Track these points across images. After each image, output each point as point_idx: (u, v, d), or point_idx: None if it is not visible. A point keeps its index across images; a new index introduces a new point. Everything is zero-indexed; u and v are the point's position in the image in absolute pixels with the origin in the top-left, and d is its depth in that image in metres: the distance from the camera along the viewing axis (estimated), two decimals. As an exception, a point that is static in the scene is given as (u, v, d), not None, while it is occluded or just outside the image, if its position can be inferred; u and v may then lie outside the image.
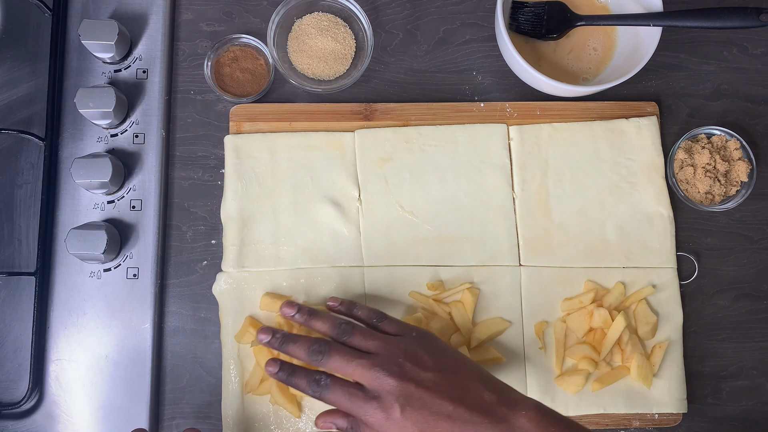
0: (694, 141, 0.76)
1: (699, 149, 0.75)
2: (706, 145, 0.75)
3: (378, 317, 0.64)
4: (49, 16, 0.75)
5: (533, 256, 0.73)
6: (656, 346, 0.72)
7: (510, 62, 0.76)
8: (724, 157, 0.75)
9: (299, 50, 0.76)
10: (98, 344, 0.70)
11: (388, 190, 0.74)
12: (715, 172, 0.74)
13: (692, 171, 0.74)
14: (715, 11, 0.75)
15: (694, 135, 0.75)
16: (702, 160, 0.74)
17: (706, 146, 0.75)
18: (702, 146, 0.75)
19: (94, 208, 0.73)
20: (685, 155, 0.75)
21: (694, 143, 0.75)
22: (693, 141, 0.76)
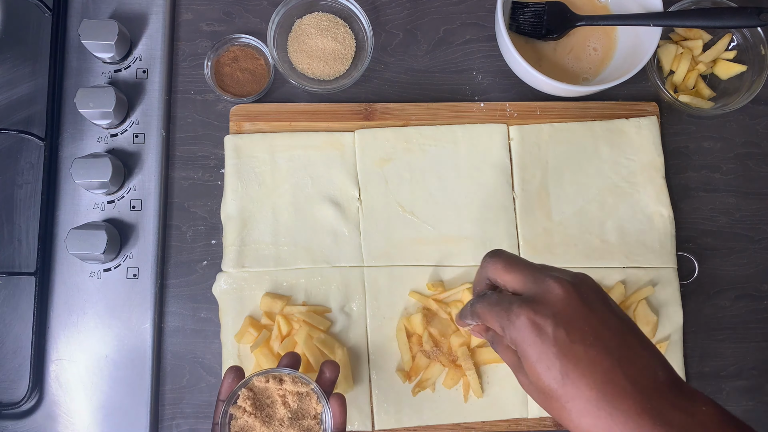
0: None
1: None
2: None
3: None
4: (49, 16, 0.75)
5: (533, 256, 0.73)
6: (656, 346, 0.72)
7: (510, 62, 0.76)
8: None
9: (299, 50, 0.76)
10: (98, 344, 0.70)
11: (388, 190, 0.74)
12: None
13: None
14: (715, 11, 0.75)
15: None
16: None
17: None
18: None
19: (94, 208, 0.73)
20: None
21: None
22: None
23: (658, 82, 0.77)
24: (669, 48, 0.79)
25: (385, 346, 0.71)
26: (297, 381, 0.56)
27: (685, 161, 0.79)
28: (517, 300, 0.47)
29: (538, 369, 0.44)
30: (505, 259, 0.51)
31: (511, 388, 0.71)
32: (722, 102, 0.78)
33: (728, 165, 0.79)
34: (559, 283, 0.46)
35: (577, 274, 0.48)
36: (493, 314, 0.48)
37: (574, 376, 0.43)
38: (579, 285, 0.47)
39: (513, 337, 0.46)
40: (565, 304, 0.45)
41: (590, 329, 0.44)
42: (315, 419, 0.55)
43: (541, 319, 0.45)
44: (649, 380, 0.43)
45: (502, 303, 0.48)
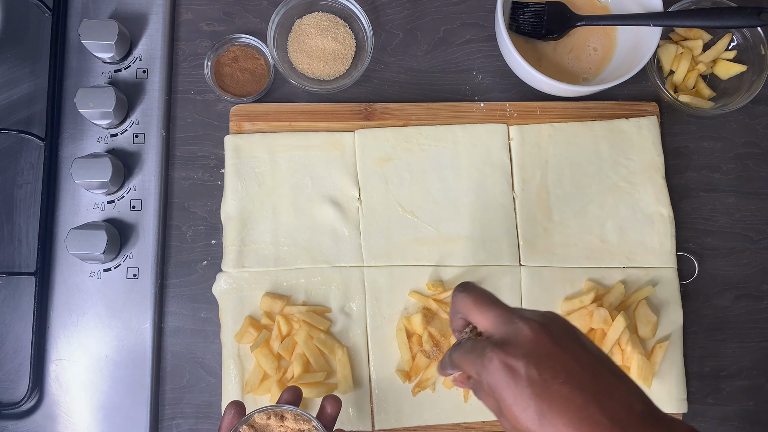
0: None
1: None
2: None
3: None
4: (49, 16, 0.75)
5: (533, 256, 0.73)
6: (656, 346, 0.72)
7: (510, 62, 0.76)
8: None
9: (299, 50, 0.76)
10: (98, 344, 0.70)
11: (388, 190, 0.74)
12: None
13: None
14: (715, 11, 0.75)
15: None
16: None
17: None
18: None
19: (94, 208, 0.73)
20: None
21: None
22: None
23: (658, 82, 0.77)
24: (669, 48, 0.79)
25: (385, 346, 0.71)
26: (299, 418, 0.55)
27: (685, 161, 0.79)
28: (489, 344, 0.47)
29: (515, 411, 0.44)
30: (474, 296, 0.51)
31: (511, 388, 0.71)
32: (722, 102, 0.78)
33: (728, 165, 0.79)
34: (527, 324, 0.46)
35: (545, 314, 0.48)
36: (468, 362, 0.48)
37: (551, 415, 0.42)
38: (548, 324, 0.47)
39: (488, 382, 0.46)
40: (535, 344, 0.45)
41: (562, 367, 0.44)
42: None
43: (513, 361, 0.44)
44: (625, 413, 0.42)
45: (475, 349, 0.48)
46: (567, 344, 0.46)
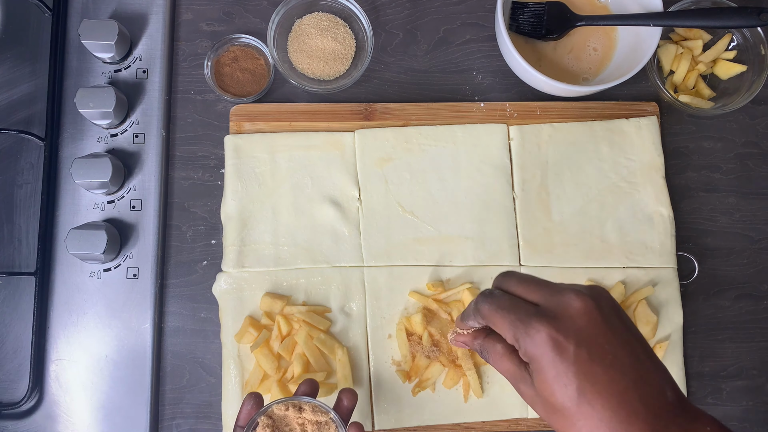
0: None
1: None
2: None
3: None
4: (49, 16, 0.75)
5: (533, 256, 0.73)
6: (656, 346, 0.72)
7: (510, 62, 0.76)
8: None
9: (299, 50, 0.76)
10: (98, 344, 0.70)
11: (388, 190, 0.74)
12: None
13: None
14: (715, 11, 0.75)
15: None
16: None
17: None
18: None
19: (94, 208, 0.73)
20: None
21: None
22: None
23: (658, 82, 0.77)
24: (669, 48, 0.79)
25: (385, 346, 0.71)
26: (316, 410, 0.55)
27: (685, 161, 0.79)
28: (536, 313, 0.45)
29: (553, 385, 0.44)
30: (519, 275, 0.50)
31: (511, 388, 0.71)
32: (722, 102, 0.78)
33: (728, 165, 0.79)
34: (579, 297, 0.45)
35: (593, 287, 0.48)
36: (505, 321, 0.47)
37: (590, 395, 0.42)
38: (598, 299, 0.46)
39: (530, 351, 0.45)
40: (586, 320, 0.44)
41: (610, 348, 0.44)
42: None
43: (563, 337, 0.44)
44: (659, 402, 0.43)
45: (517, 311, 0.46)
46: (615, 324, 0.45)
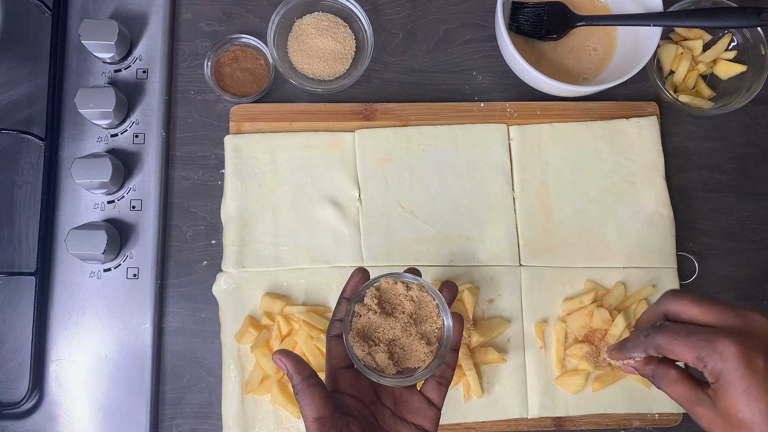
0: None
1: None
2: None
3: None
4: (49, 16, 0.75)
5: (533, 256, 0.73)
6: None
7: (510, 62, 0.76)
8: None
9: (299, 50, 0.76)
10: (98, 344, 0.70)
11: (388, 190, 0.74)
12: None
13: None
14: (715, 11, 0.75)
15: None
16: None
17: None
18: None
19: (94, 208, 0.73)
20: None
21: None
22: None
23: (658, 82, 0.76)
24: (669, 48, 0.79)
25: (385, 346, 0.71)
26: (423, 290, 0.54)
27: (685, 161, 0.79)
28: (721, 331, 0.46)
29: (742, 400, 0.44)
30: (692, 296, 0.50)
31: (511, 388, 0.71)
32: (722, 102, 0.78)
33: (728, 165, 0.79)
34: (764, 316, 0.47)
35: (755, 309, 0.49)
36: (685, 345, 0.47)
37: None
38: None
39: (717, 367, 0.45)
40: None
41: None
42: (434, 330, 0.54)
43: (752, 352, 0.44)
44: None
45: (698, 333, 0.47)
46: None
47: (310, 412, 0.49)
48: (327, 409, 0.50)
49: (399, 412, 0.54)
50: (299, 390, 0.50)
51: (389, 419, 0.53)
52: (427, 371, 0.52)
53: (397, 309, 0.54)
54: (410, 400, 0.54)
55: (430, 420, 0.54)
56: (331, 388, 0.53)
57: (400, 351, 0.53)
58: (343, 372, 0.54)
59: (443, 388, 0.55)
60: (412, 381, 0.52)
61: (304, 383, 0.50)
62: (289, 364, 0.51)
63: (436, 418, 0.54)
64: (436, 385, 0.54)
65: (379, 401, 0.54)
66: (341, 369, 0.54)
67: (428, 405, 0.54)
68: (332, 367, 0.54)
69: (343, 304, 0.55)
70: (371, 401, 0.54)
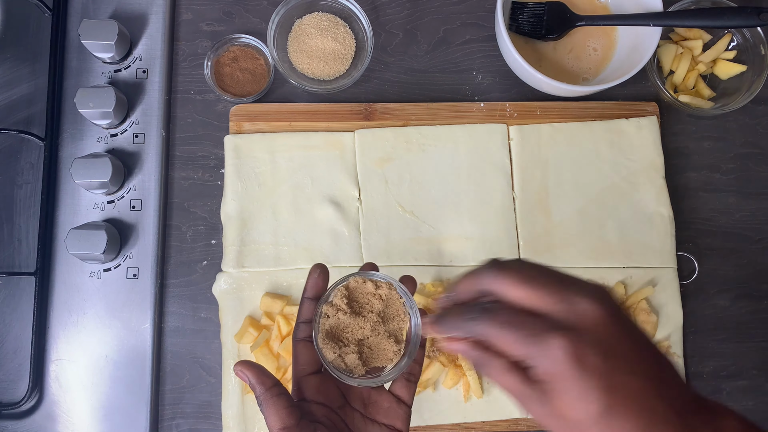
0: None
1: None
2: None
3: None
4: (49, 16, 0.75)
5: (533, 256, 0.73)
6: (656, 347, 0.72)
7: (510, 62, 0.76)
8: None
9: (299, 50, 0.76)
10: (98, 344, 0.70)
11: (388, 190, 0.74)
12: None
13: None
14: (715, 11, 0.75)
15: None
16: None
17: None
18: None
19: (94, 208, 0.72)
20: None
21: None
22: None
23: (658, 82, 0.76)
24: (669, 48, 0.79)
25: (385, 346, 0.71)
26: (392, 288, 0.52)
27: (685, 161, 0.79)
28: (550, 327, 0.41)
29: (575, 404, 0.40)
30: (514, 274, 0.44)
31: (511, 388, 0.71)
32: (722, 102, 0.78)
33: (728, 165, 0.79)
34: (594, 303, 0.42)
35: (597, 288, 0.43)
36: (513, 340, 0.42)
37: (618, 409, 0.40)
38: (609, 302, 0.43)
39: (549, 370, 0.41)
40: (606, 329, 0.41)
41: (632, 354, 0.41)
42: (403, 329, 0.52)
43: (585, 350, 0.40)
44: (681, 401, 0.41)
45: (527, 328, 0.42)
46: (630, 327, 0.42)
47: (275, 423, 0.47)
48: (292, 418, 0.47)
49: (369, 413, 0.52)
50: (263, 401, 0.48)
51: (359, 422, 0.52)
52: (397, 369, 0.51)
53: (365, 308, 0.52)
54: (379, 400, 0.53)
55: (401, 418, 0.52)
56: (297, 397, 0.51)
57: (368, 350, 0.51)
58: (309, 379, 0.51)
59: (412, 385, 0.53)
60: (384, 380, 0.51)
61: (268, 393, 0.48)
62: (251, 375, 0.49)
63: (407, 416, 0.52)
64: (405, 383, 0.53)
65: (348, 405, 0.52)
66: (307, 376, 0.51)
67: (398, 403, 0.52)
68: (298, 375, 0.52)
69: (306, 304, 0.52)
70: (340, 406, 0.52)
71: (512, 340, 0.42)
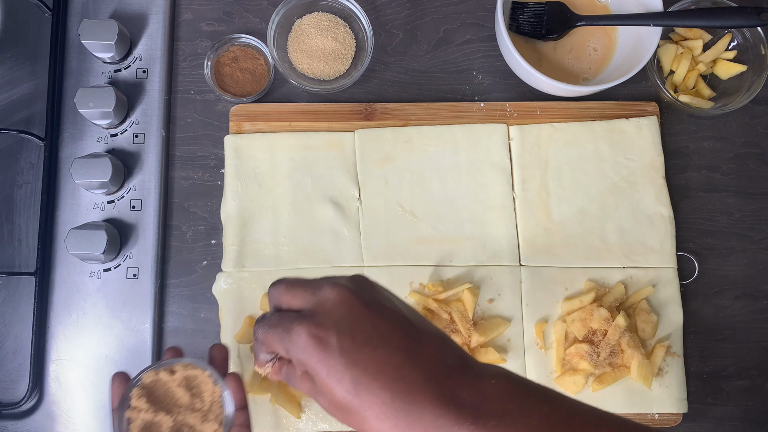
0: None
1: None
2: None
3: None
4: (49, 16, 0.75)
5: (533, 256, 0.73)
6: (656, 346, 0.72)
7: (510, 62, 0.76)
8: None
9: (299, 50, 0.76)
10: (98, 344, 0.70)
11: (388, 190, 0.74)
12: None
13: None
14: (715, 11, 0.75)
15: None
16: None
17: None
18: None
19: (94, 208, 0.73)
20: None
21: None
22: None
23: (658, 82, 0.76)
24: (669, 48, 0.79)
25: (385, 346, 0.71)
26: (188, 367, 0.53)
27: (685, 161, 0.79)
28: (296, 317, 0.44)
29: (329, 384, 0.42)
30: (286, 281, 0.48)
31: (511, 388, 0.71)
32: (722, 102, 0.78)
33: (728, 165, 0.79)
34: (335, 288, 0.44)
35: (353, 276, 0.46)
36: (275, 338, 0.44)
37: (366, 382, 0.41)
38: (357, 285, 0.45)
39: (298, 357, 0.43)
40: (345, 308, 0.43)
41: (375, 329, 0.43)
42: (215, 402, 0.53)
43: (323, 331, 0.42)
44: (438, 367, 0.42)
45: (282, 323, 0.44)
46: (378, 304, 0.44)
47: None
48: None
49: None
50: None
51: None
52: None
53: (169, 398, 0.52)
54: None
55: None
56: None
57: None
58: None
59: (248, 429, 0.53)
60: None
61: None
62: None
63: None
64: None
65: None
66: None
67: None
68: None
69: (115, 416, 0.52)
70: None
71: (275, 341, 0.44)
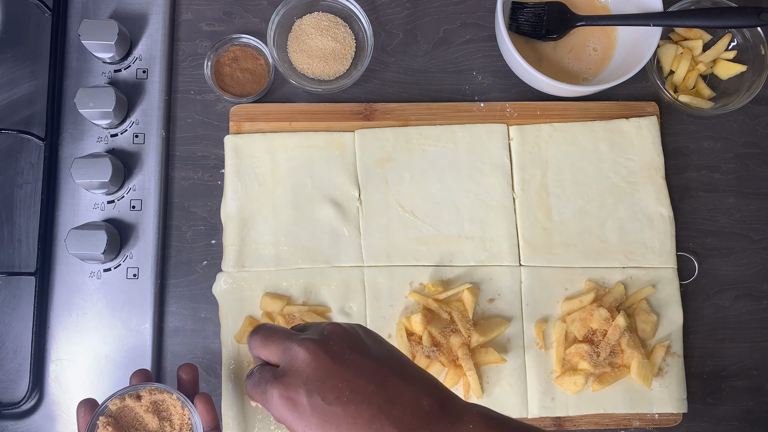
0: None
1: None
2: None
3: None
4: (49, 16, 0.75)
5: (533, 256, 0.73)
6: (656, 346, 0.72)
7: (510, 62, 0.76)
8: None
9: (299, 50, 0.76)
10: (98, 344, 0.70)
11: (388, 190, 0.74)
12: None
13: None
14: (715, 11, 0.75)
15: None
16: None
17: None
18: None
19: (94, 208, 0.73)
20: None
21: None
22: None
23: (658, 82, 0.77)
24: (669, 48, 0.79)
25: (385, 346, 0.71)
26: (154, 392, 0.54)
27: (685, 161, 0.79)
28: (270, 378, 0.46)
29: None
30: (262, 333, 0.49)
31: (511, 388, 0.71)
32: (722, 102, 0.78)
33: (728, 165, 0.79)
34: (303, 346, 0.45)
35: (324, 327, 0.47)
36: (257, 396, 0.47)
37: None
38: (326, 339, 0.46)
39: (276, 416, 0.45)
40: (313, 366, 0.44)
41: (345, 384, 0.43)
42: (184, 425, 0.54)
43: (293, 392, 0.43)
44: (413, 415, 0.42)
45: (260, 383, 0.46)
46: (348, 357, 0.45)
47: None
48: None
49: None
50: None
51: None
52: None
53: (137, 424, 0.53)
54: None
55: None
56: None
57: None
58: None
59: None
60: None
61: None
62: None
63: None
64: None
65: None
66: None
67: None
68: None
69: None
70: None
71: (258, 398, 0.46)
